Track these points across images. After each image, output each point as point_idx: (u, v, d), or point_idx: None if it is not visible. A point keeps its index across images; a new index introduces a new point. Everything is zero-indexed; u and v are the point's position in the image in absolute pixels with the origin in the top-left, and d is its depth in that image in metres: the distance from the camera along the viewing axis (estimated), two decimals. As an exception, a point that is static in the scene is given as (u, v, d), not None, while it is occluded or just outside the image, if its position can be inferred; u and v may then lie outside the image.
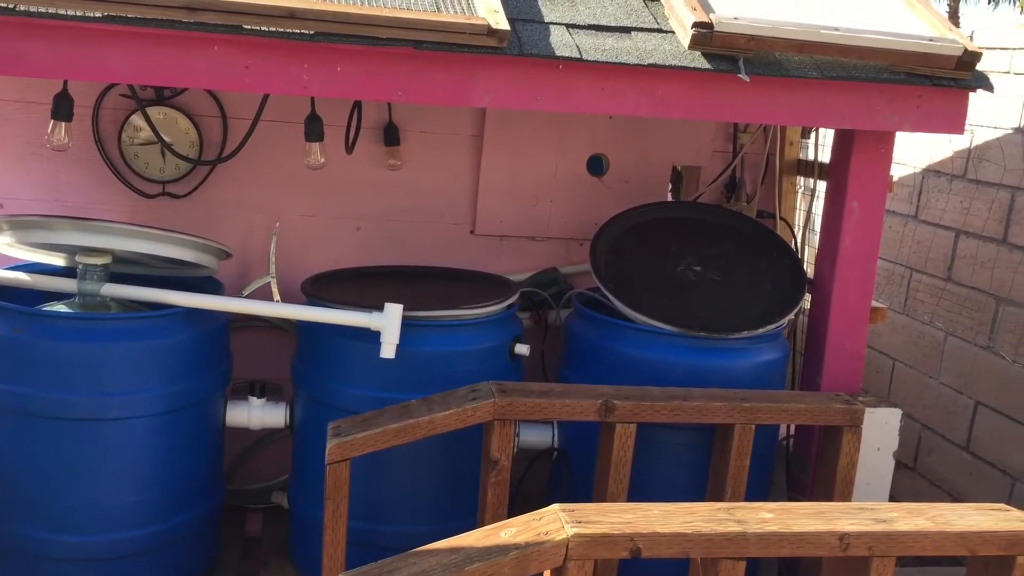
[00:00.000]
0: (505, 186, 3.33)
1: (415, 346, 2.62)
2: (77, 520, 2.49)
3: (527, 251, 3.40)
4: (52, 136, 2.68)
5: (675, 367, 2.71)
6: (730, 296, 2.88)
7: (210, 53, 2.26)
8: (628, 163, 3.41)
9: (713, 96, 2.50)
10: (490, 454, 2.46)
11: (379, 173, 3.26)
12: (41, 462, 2.45)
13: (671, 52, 2.46)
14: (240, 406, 2.80)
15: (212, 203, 3.16)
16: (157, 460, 2.56)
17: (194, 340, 2.59)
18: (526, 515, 1.91)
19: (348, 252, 3.26)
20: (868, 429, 2.71)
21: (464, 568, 1.77)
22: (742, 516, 1.93)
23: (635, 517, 1.88)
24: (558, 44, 2.41)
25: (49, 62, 2.20)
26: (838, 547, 1.91)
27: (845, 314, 2.87)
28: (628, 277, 2.90)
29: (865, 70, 2.55)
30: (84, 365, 2.43)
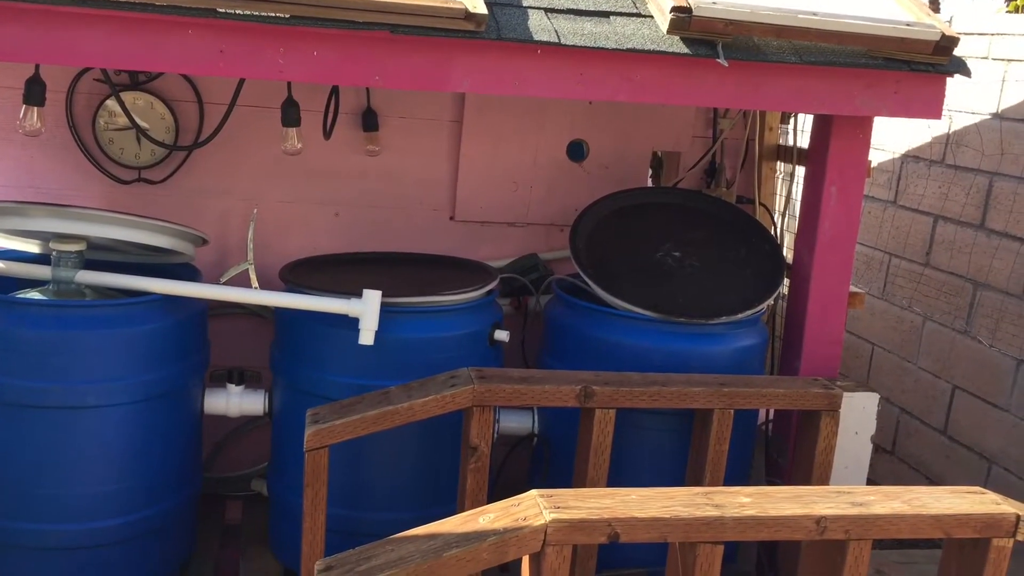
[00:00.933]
0: (485, 172, 3.32)
1: (394, 332, 2.61)
2: (54, 509, 2.47)
3: (507, 237, 3.39)
4: (24, 121, 2.65)
5: (654, 353, 2.71)
6: (709, 282, 2.88)
7: (184, 37, 2.23)
8: (608, 149, 3.41)
9: (692, 81, 2.49)
10: (469, 440, 2.46)
11: (358, 159, 3.24)
12: (16, 451, 2.43)
13: (650, 37, 2.45)
14: (218, 394, 2.79)
15: (189, 189, 3.13)
16: (134, 448, 2.54)
17: (171, 327, 2.57)
18: (504, 501, 1.90)
19: (327, 238, 3.24)
20: (846, 413, 2.72)
21: (442, 554, 1.76)
22: (720, 500, 1.93)
23: (613, 502, 1.89)
24: (536, 28, 2.40)
25: (18, 45, 2.16)
26: (815, 531, 1.92)
27: (823, 299, 2.88)
28: (608, 263, 2.90)
29: (843, 55, 2.55)
30: (59, 353, 2.41)
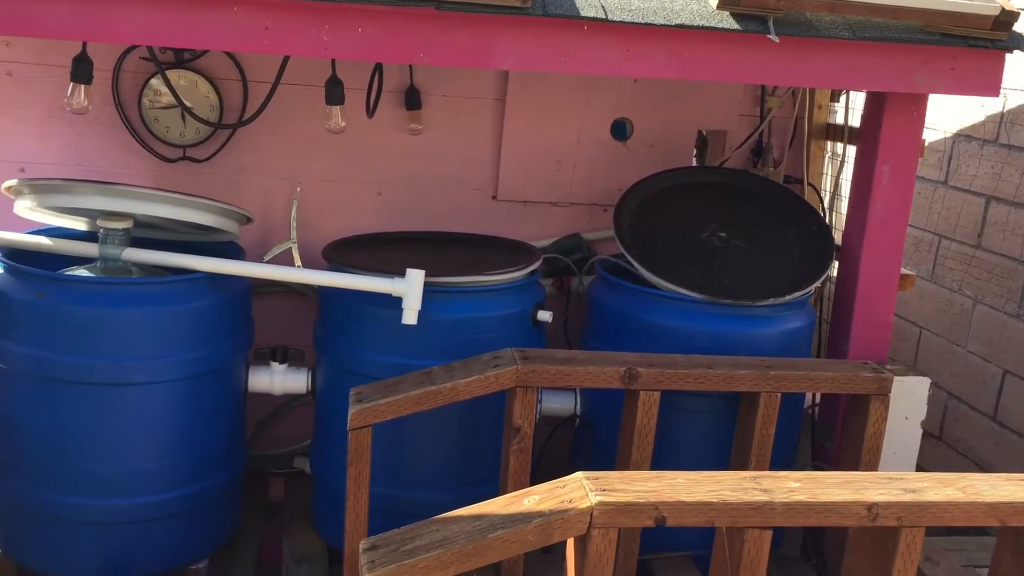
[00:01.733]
0: (528, 151, 3.29)
1: (437, 312, 2.60)
2: (100, 484, 2.49)
3: (550, 217, 3.36)
4: (72, 99, 2.66)
5: (699, 334, 2.67)
6: (756, 263, 2.83)
7: (229, 14, 2.22)
8: (653, 127, 3.36)
9: (742, 58, 2.44)
10: (512, 421, 2.44)
11: (400, 138, 3.22)
12: (64, 426, 2.45)
13: (699, 12, 2.40)
14: (262, 372, 2.80)
15: (233, 168, 3.14)
16: (179, 425, 2.56)
17: (216, 305, 2.58)
18: (549, 483, 1.89)
19: (369, 217, 3.23)
20: (896, 398, 2.67)
21: (488, 535, 1.75)
22: (768, 485, 1.90)
23: (660, 485, 1.86)
24: (583, 4, 2.36)
25: (63, 23, 2.17)
26: (867, 517, 1.88)
27: (873, 281, 2.82)
28: (652, 243, 2.86)
29: (898, 30, 2.48)
30: (106, 330, 2.43)
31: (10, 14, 2.11)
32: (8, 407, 2.52)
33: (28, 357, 2.45)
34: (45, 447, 2.48)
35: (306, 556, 2.79)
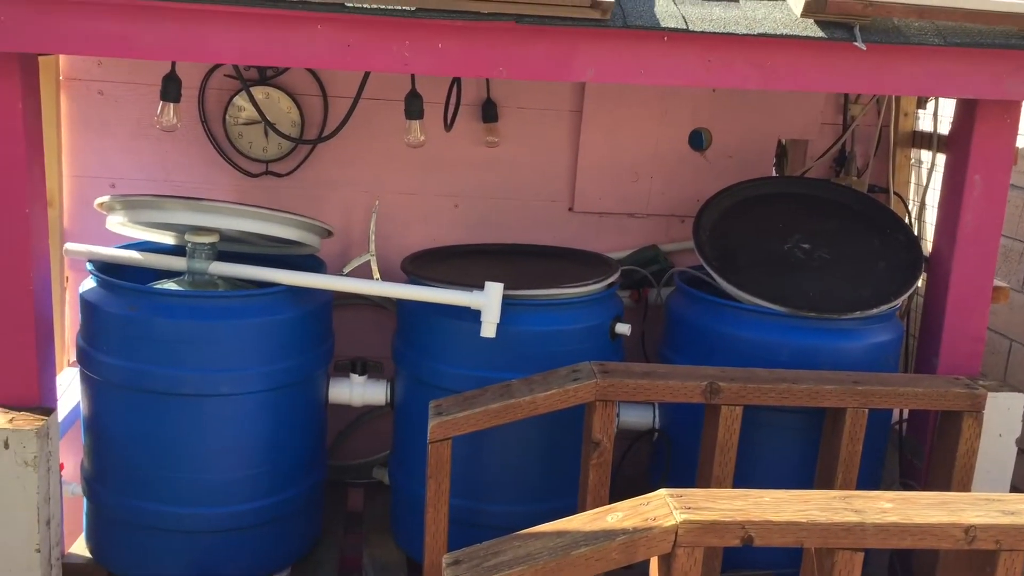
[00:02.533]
0: (604, 162, 3.27)
1: (515, 325, 2.60)
2: (191, 492, 2.55)
3: (626, 228, 3.34)
4: (161, 117, 2.73)
5: (782, 348, 2.62)
6: (840, 275, 2.77)
7: (313, 32, 2.25)
8: (731, 137, 3.31)
9: (826, 66, 2.39)
10: (592, 435, 2.43)
11: (477, 150, 3.24)
12: (155, 436, 2.51)
13: (782, 21, 2.36)
14: (342, 383, 2.83)
15: (313, 182, 3.19)
16: (265, 436, 2.60)
17: (299, 318, 2.61)
18: (632, 500, 1.86)
19: (446, 230, 3.25)
20: (989, 414, 2.57)
21: (571, 552, 1.74)
22: (860, 506, 1.85)
23: (746, 504, 1.83)
24: (663, 15, 2.33)
25: (157, 44, 2.22)
26: (963, 540, 1.81)
27: (965, 293, 2.73)
28: (732, 255, 2.82)
29: (991, 36, 2.40)
30: (195, 342, 2.48)
31: (111, 37, 2.18)
32: (100, 417, 2.59)
33: (120, 368, 2.51)
34: (135, 456, 2.54)
35: (386, 566, 2.81)
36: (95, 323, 2.55)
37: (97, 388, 2.58)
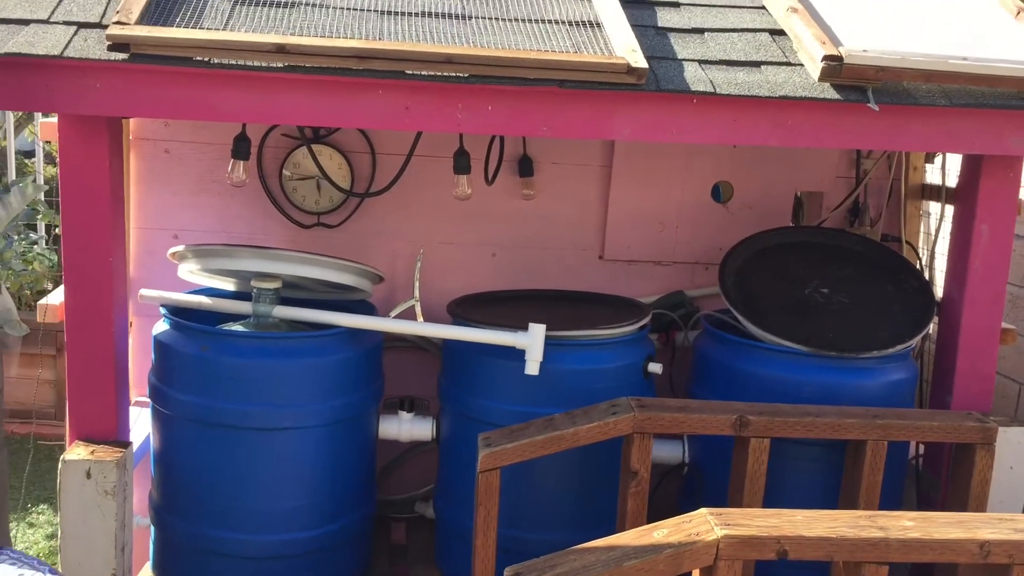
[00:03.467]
0: (632, 213, 3.49)
1: (556, 363, 2.79)
2: (254, 520, 2.73)
3: (653, 275, 3.55)
4: (232, 174, 2.96)
5: (804, 385, 2.81)
6: (858, 317, 2.96)
7: (375, 96, 2.48)
8: (751, 190, 3.54)
9: (842, 125, 2.61)
10: (630, 465, 2.61)
11: (514, 203, 3.47)
12: (223, 467, 2.71)
13: (801, 84, 2.58)
14: (391, 420, 3.02)
15: (361, 232, 3.42)
16: (322, 467, 2.79)
17: (354, 358, 2.82)
18: (676, 518, 2.05)
19: (484, 277, 3.46)
20: (1001, 448, 2.75)
21: (622, 564, 1.92)
22: (884, 523, 2.02)
23: (780, 521, 2.00)
24: (692, 79, 2.56)
25: (238, 108, 2.46)
26: (979, 554, 1.99)
27: (975, 335, 2.92)
28: (756, 299, 3.02)
29: (993, 97, 2.63)
30: (260, 379, 2.68)
31: (195, 103, 2.41)
32: (171, 450, 2.79)
33: (191, 404, 2.72)
34: (204, 486, 2.73)
35: (432, 595, 2.98)
36: (168, 362, 2.76)
37: (169, 423, 2.78)
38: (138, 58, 2.35)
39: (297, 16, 2.55)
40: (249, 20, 2.51)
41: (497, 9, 2.74)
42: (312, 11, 2.59)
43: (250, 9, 2.56)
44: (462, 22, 2.65)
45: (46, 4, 2.52)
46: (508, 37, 2.59)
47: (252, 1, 2.59)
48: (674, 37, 2.74)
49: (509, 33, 2.62)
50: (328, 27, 2.52)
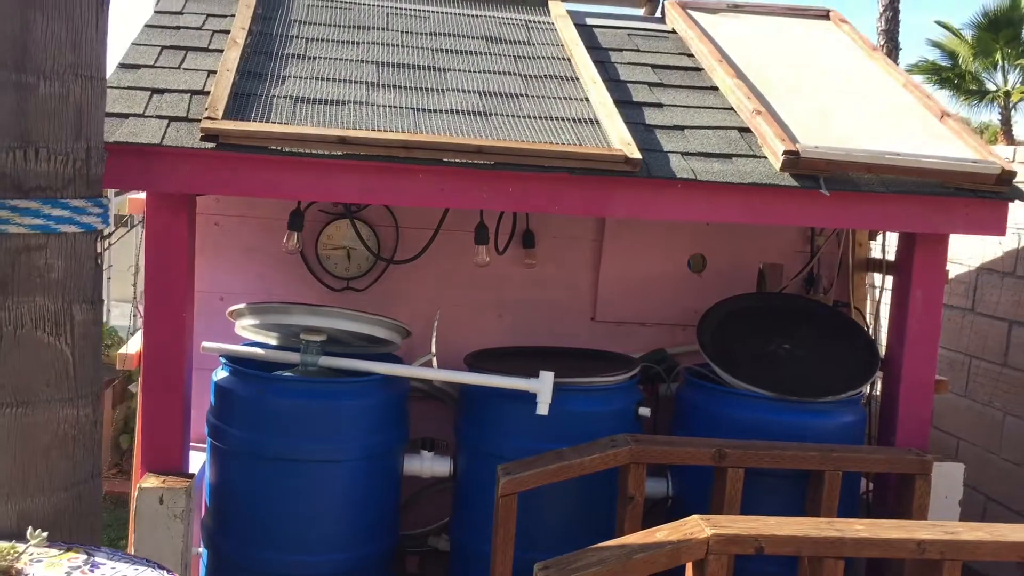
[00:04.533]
0: (621, 281, 4.02)
1: (561, 406, 3.26)
2: (296, 542, 3.13)
3: (639, 334, 4.06)
4: (288, 243, 3.44)
5: (771, 425, 3.30)
6: (815, 369, 3.49)
7: (416, 179, 2.98)
8: (722, 261, 4.09)
9: (799, 207, 3.16)
10: (627, 491, 3.07)
11: (518, 270, 3.97)
12: (271, 495, 3.11)
13: (766, 173, 3.14)
14: (415, 458, 3.45)
15: (384, 295, 3.89)
16: (358, 496, 3.21)
17: (386, 401, 3.27)
18: (673, 523, 2.51)
19: (491, 335, 3.94)
20: (936, 480, 3.25)
21: (632, 557, 2.37)
22: (840, 527, 2.51)
23: (758, 524, 2.48)
24: (677, 168, 3.10)
25: (300, 188, 2.95)
26: (916, 551, 2.47)
27: (914, 385, 3.44)
28: (729, 353, 3.53)
29: (922, 186, 3.20)
30: (308, 418, 3.12)
31: (268, 183, 2.89)
32: (227, 480, 3.19)
33: (245, 439, 3.14)
34: (254, 511, 3.14)
35: (449, 614, 3.37)
36: (227, 403, 3.19)
37: (225, 456, 3.19)
38: (224, 147, 2.84)
39: (347, 112, 3.06)
40: (310, 116, 3.02)
41: (513, 107, 3.28)
42: (359, 108, 3.11)
43: (309, 106, 3.07)
44: (484, 119, 3.18)
45: (140, 100, 3.01)
46: (523, 132, 3.12)
47: (310, 99, 3.10)
48: (659, 132, 3.30)
49: (523, 128, 3.15)
50: (375, 122, 3.03)
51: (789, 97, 3.52)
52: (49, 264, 2.37)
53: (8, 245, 2.32)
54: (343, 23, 3.69)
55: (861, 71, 3.83)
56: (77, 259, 2.41)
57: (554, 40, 3.84)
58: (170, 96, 3.04)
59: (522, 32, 3.87)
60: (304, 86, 3.16)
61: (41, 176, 2.34)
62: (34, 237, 2.34)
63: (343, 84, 3.22)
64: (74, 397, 2.44)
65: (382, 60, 3.44)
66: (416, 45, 3.61)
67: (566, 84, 3.50)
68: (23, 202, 2.33)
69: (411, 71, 3.39)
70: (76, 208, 2.40)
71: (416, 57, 3.51)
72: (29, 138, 2.31)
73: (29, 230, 2.33)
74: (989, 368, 4.58)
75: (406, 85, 3.28)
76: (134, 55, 3.27)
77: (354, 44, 3.52)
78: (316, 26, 3.61)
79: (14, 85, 2.29)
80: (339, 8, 3.81)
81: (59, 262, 2.38)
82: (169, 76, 3.16)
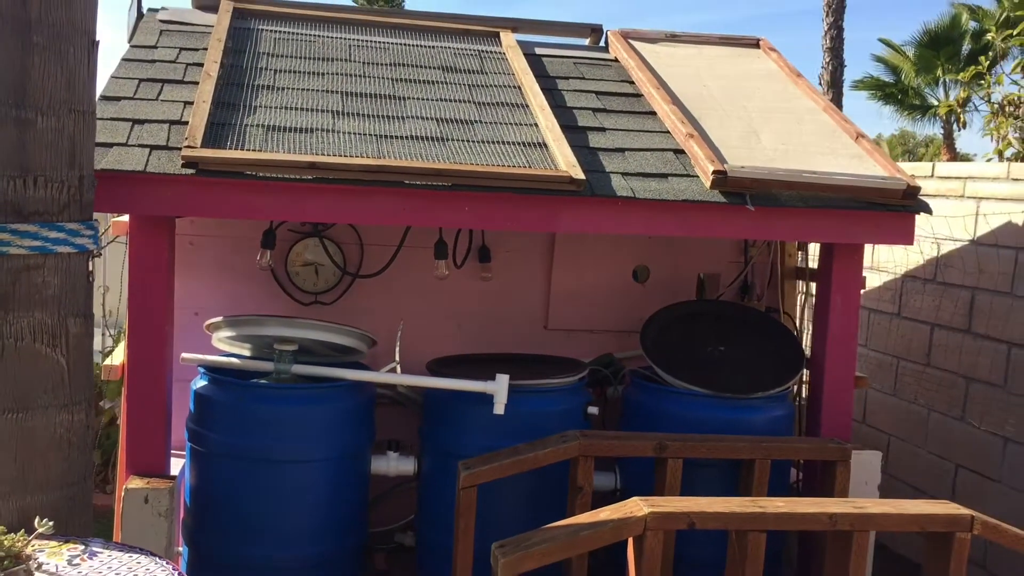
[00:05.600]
0: (571, 291, 4.33)
1: (516, 407, 3.54)
2: (272, 538, 3.38)
3: (588, 341, 4.37)
4: (261, 260, 3.70)
5: (709, 420, 3.62)
6: (748, 368, 3.82)
7: (380, 200, 3.26)
8: (664, 272, 4.41)
9: (728, 221, 3.49)
10: (576, 482, 3.36)
11: (474, 283, 4.26)
12: (251, 493, 3.36)
13: (697, 191, 3.46)
14: (381, 459, 3.72)
15: (351, 308, 4.16)
16: (329, 494, 3.47)
17: (354, 405, 3.53)
18: (615, 504, 2.81)
19: (451, 343, 4.22)
20: (856, 467, 3.58)
21: (578, 535, 2.67)
22: (763, 503, 2.82)
23: (690, 503, 2.79)
24: (618, 187, 3.42)
25: (274, 209, 3.22)
26: (828, 523, 2.79)
27: (835, 380, 3.79)
28: (670, 356, 3.85)
29: (837, 200, 3.55)
30: (282, 422, 3.38)
31: (244, 205, 3.16)
32: (206, 481, 3.43)
33: (223, 443, 3.39)
34: (233, 510, 3.38)
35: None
36: (206, 410, 3.43)
37: (204, 459, 3.43)
38: (203, 172, 3.10)
39: (316, 139, 3.34)
40: (281, 143, 3.28)
41: (468, 133, 3.58)
42: (327, 135, 3.38)
43: (280, 134, 3.34)
44: (442, 143, 3.47)
45: (123, 130, 3.26)
46: (478, 156, 3.42)
47: (281, 128, 3.37)
48: (602, 155, 3.61)
49: (478, 152, 3.44)
50: (341, 148, 3.31)
51: (720, 120, 3.86)
52: (46, 282, 2.60)
53: (9, 265, 2.55)
54: (309, 55, 3.97)
55: (786, 95, 4.19)
56: (71, 277, 2.65)
57: (505, 69, 4.15)
58: (150, 126, 3.30)
59: (476, 62, 4.17)
60: (275, 115, 3.43)
61: (39, 202, 2.58)
62: (33, 257, 2.57)
63: (311, 113, 3.49)
64: (69, 403, 2.68)
65: (346, 90, 3.72)
66: (377, 75, 3.89)
67: (517, 110, 3.81)
68: (23, 226, 2.57)
69: (373, 100, 3.68)
70: (71, 231, 2.65)
71: (378, 87, 3.79)
72: (28, 168, 2.55)
73: (29, 251, 2.57)
74: (914, 368, 4.95)
75: (369, 113, 3.57)
76: (114, 87, 3.51)
77: (320, 75, 3.80)
78: (283, 58, 3.89)
79: (15, 121, 2.53)
80: (304, 41, 4.08)
81: (55, 280, 2.61)
82: (148, 107, 3.41)
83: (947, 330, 4.69)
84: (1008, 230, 4.36)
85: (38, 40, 2.53)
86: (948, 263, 4.75)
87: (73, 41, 2.59)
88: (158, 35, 3.98)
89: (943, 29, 21.37)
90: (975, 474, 4.48)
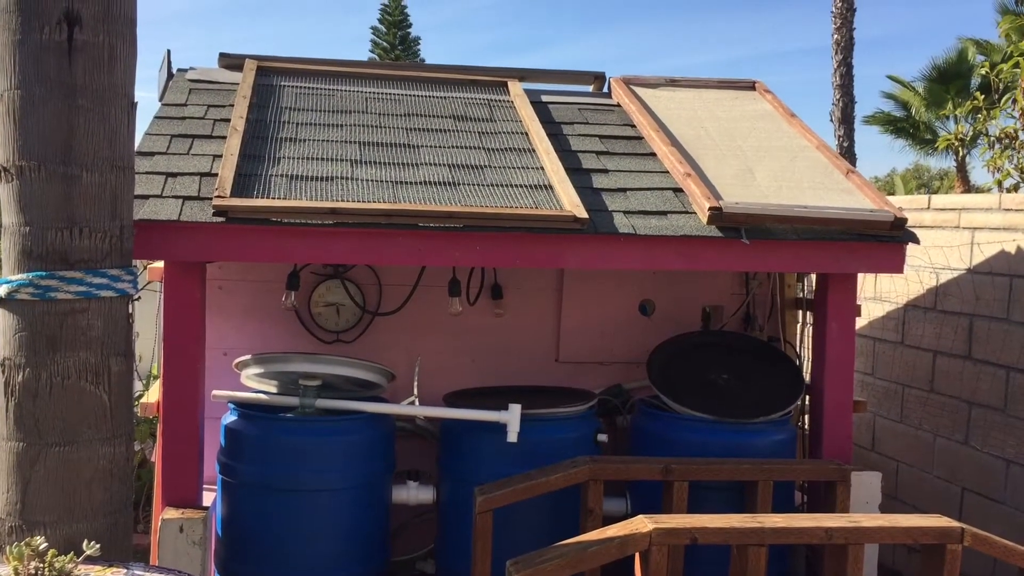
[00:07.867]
0: (580, 325, 4.52)
1: (528, 435, 3.73)
2: (301, 563, 3.56)
3: (598, 372, 4.55)
4: (286, 301, 3.93)
5: (712, 445, 3.79)
6: (751, 395, 3.99)
7: (397, 242, 3.48)
8: (669, 305, 4.61)
9: (725, 254, 3.68)
10: (587, 505, 3.53)
11: (487, 319, 4.47)
12: (278, 520, 3.55)
13: (695, 227, 3.67)
14: (401, 488, 3.90)
15: (371, 344, 4.37)
16: (353, 520, 3.65)
17: (376, 436, 3.73)
18: (622, 522, 2.98)
19: (466, 377, 4.42)
20: (856, 487, 3.73)
21: (587, 550, 2.84)
22: (762, 519, 2.98)
23: (692, 520, 2.95)
24: (620, 225, 3.62)
25: (298, 253, 3.45)
26: (825, 537, 2.95)
27: (834, 403, 3.95)
28: (676, 385, 4.03)
29: (828, 233, 3.74)
30: (308, 452, 3.58)
31: (270, 249, 3.39)
32: (238, 511, 3.63)
33: (252, 473, 3.58)
34: (264, 537, 3.57)
35: (437, 624, 3.79)
36: (236, 443, 3.64)
37: (236, 489, 3.63)
38: (233, 220, 3.33)
39: (336, 187, 3.57)
40: (304, 191, 3.52)
41: (478, 177, 3.81)
42: (346, 183, 3.62)
43: (303, 182, 3.58)
44: (453, 188, 3.70)
45: (157, 183, 3.51)
46: (488, 198, 3.64)
47: (303, 177, 3.61)
48: (605, 195, 3.83)
49: (488, 195, 3.67)
50: (360, 194, 3.54)
51: (716, 160, 4.08)
52: (91, 324, 2.83)
53: (57, 309, 2.78)
54: (328, 108, 4.23)
55: (780, 134, 4.40)
56: (113, 319, 2.88)
57: (513, 116, 4.39)
58: (183, 179, 3.55)
59: (485, 111, 4.42)
60: (297, 165, 3.68)
61: (84, 251, 2.82)
62: (78, 302, 2.80)
63: (331, 162, 3.74)
64: (111, 437, 2.89)
65: (363, 140, 3.97)
66: (392, 125, 4.14)
67: (524, 155, 4.04)
68: (69, 272, 2.80)
69: (389, 148, 3.92)
70: (113, 276, 2.88)
71: (393, 136, 4.04)
72: (75, 220, 2.79)
73: (75, 296, 2.80)
74: (919, 394, 5.09)
75: (385, 161, 3.81)
76: (148, 144, 3.78)
77: (338, 127, 4.05)
78: (304, 112, 4.15)
79: (62, 177, 2.78)
80: (323, 95, 4.35)
81: (99, 322, 2.84)
82: (180, 161, 3.67)
83: (948, 356, 4.83)
84: (1001, 258, 4.52)
85: (83, 103, 2.78)
86: (947, 291, 4.90)
87: (114, 103, 2.84)
88: (187, 93, 4.25)
89: (951, 64, 21.59)
90: (981, 496, 4.59)
